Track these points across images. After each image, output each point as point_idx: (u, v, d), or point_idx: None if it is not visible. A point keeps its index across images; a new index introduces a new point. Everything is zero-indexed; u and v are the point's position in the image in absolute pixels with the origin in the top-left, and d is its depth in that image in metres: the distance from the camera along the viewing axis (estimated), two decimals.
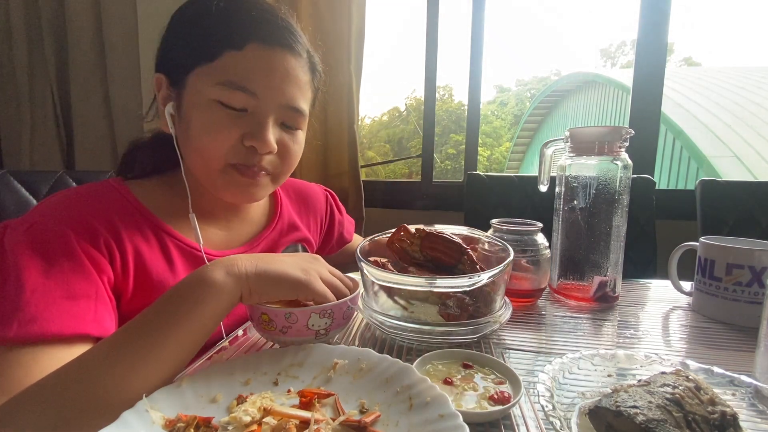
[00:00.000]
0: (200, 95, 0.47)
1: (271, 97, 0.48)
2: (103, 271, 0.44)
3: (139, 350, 0.33)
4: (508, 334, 0.52)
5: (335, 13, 1.23)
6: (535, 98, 9.83)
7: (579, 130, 0.64)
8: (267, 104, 0.48)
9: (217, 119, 0.47)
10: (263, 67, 0.47)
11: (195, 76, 0.47)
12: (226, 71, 0.46)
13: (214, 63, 0.46)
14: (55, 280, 0.39)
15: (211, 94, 0.47)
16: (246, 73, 0.46)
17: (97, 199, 0.48)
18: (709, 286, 0.60)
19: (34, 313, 0.37)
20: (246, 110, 0.48)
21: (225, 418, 0.31)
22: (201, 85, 0.47)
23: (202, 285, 0.36)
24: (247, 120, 0.48)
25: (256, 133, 0.48)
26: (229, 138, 0.48)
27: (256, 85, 0.47)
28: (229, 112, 0.47)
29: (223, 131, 0.47)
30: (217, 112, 0.47)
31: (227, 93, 0.46)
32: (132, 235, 0.48)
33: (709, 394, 0.31)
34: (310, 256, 0.46)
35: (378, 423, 0.31)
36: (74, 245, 0.42)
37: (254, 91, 0.47)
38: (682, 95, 4.60)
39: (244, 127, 0.48)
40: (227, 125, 0.47)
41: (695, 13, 30.40)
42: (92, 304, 0.41)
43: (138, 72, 1.43)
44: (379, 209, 1.46)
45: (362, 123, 3.03)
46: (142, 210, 0.50)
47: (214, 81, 0.46)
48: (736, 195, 1.07)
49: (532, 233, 0.62)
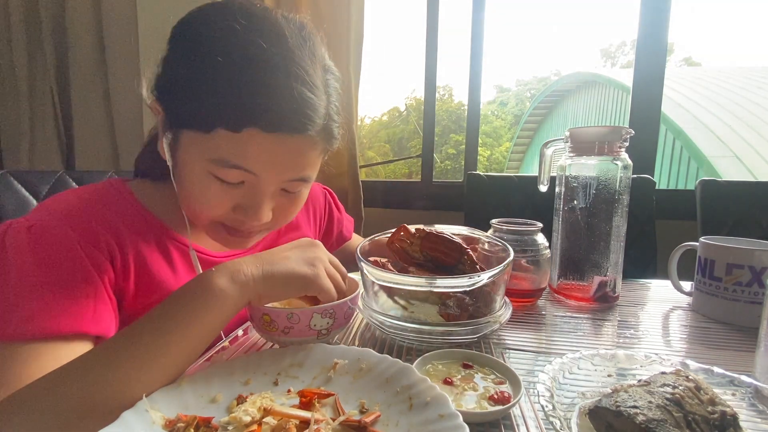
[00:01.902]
0: (193, 162, 0.42)
1: (271, 175, 0.43)
2: (104, 272, 0.44)
3: (141, 357, 0.33)
4: (508, 334, 0.52)
5: (335, 13, 1.23)
6: (535, 98, 9.83)
7: (579, 130, 0.64)
8: (266, 181, 0.44)
9: (209, 191, 0.43)
10: (262, 152, 0.41)
11: (189, 138, 0.42)
12: (219, 148, 0.40)
13: (208, 135, 0.40)
14: (54, 279, 0.39)
15: (204, 166, 0.42)
16: (242, 155, 0.41)
17: (98, 201, 0.48)
18: (709, 286, 0.60)
19: (33, 311, 0.37)
20: (243, 182, 0.44)
21: (225, 418, 0.31)
22: (194, 152, 0.42)
23: (206, 293, 0.36)
24: (243, 191, 0.44)
25: (251, 207, 0.45)
26: (221, 208, 0.45)
27: (254, 165, 0.42)
28: (223, 185, 0.43)
29: (214, 202, 0.44)
30: (210, 184, 0.43)
31: (222, 170, 0.41)
32: (133, 236, 0.48)
33: (709, 394, 0.31)
34: (309, 244, 0.44)
35: (378, 423, 0.31)
36: (75, 245, 0.42)
37: (251, 169, 0.42)
38: (682, 95, 4.59)
39: (237, 198, 0.44)
40: (220, 197, 0.44)
41: (695, 13, 30.48)
42: (91, 303, 0.41)
43: (138, 72, 1.43)
44: (379, 209, 1.46)
45: (362, 123, 3.03)
46: (143, 212, 0.50)
47: (208, 155, 0.41)
48: (736, 195, 1.07)
49: (532, 233, 0.62)
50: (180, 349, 0.35)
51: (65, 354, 0.37)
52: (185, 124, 0.42)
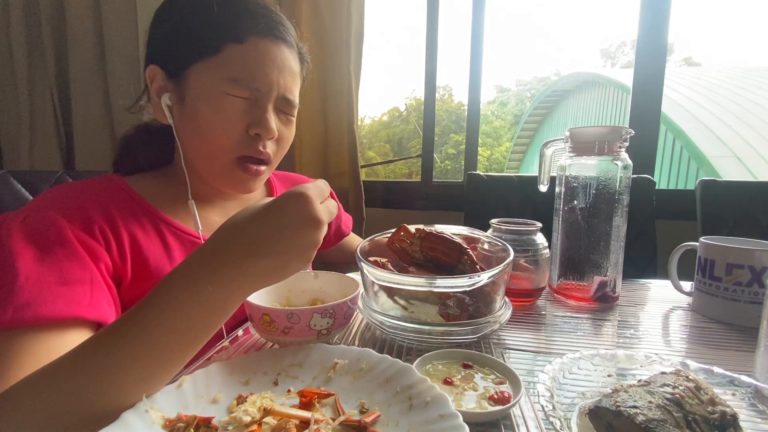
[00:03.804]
0: (207, 87, 0.49)
1: (270, 87, 0.51)
2: (100, 259, 0.44)
3: (138, 355, 0.31)
4: (508, 334, 0.52)
5: (335, 13, 1.23)
6: (535, 98, 9.83)
7: (579, 130, 0.64)
8: (267, 94, 0.51)
9: (227, 108, 0.49)
10: (263, 59, 0.50)
11: (198, 69, 0.49)
12: (229, 64, 0.49)
13: (218, 56, 0.49)
14: (48, 266, 0.39)
15: (219, 86, 0.49)
16: (248, 65, 0.49)
17: (92, 189, 0.49)
18: (709, 286, 0.60)
19: (28, 299, 0.37)
20: (249, 99, 0.51)
21: (225, 418, 0.31)
22: (207, 77, 0.49)
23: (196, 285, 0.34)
24: (251, 110, 0.51)
25: (260, 120, 0.51)
26: (238, 126, 0.50)
27: (258, 75, 0.50)
28: (237, 102, 0.50)
29: (232, 119, 0.50)
30: (226, 102, 0.49)
31: (234, 85, 0.49)
32: (127, 222, 0.48)
33: (709, 394, 0.31)
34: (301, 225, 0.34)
35: (378, 423, 0.31)
36: (68, 233, 0.42)
37: (256, 81, 0.50)
38: (682, 95, 4.59)
39: (248, 118, 0.51)
40: (236, 113, 0.50)
41: (695, 13, 30.43)
42: (87, 289, 0.41)
43: (138, 72, 1.43)
44: (379, 209, 1.46)
45: (362, 123, 3.03)
46: (137, 199, 0.51)
47: (221, 74, 0.49)
48: (736, 195, 1.06)
49: (531, 233, 0.62)
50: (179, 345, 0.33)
51: (62, 341, 0.36)
52: (193, 58, 0.49)
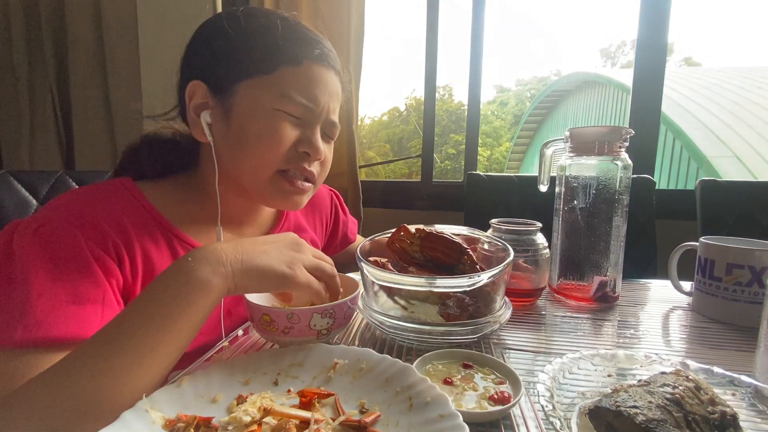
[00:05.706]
0: (259, 102, 0.50)
1: (321, 108, 0.53)
2: (112, 274, 0.43)
3: (131, 358, 0.32)
4: (508, 334, 0.52)
5: (335, 13, 1.23)
6: (535, 98, 9.83)
7: (579, 130, 0.64)
8: (317, 116, 0.53)
9: (278, 124, 0.51)
10: (317, 82, 0.52)
11: (249, 85, 0.50)
12: (283, 83, 0.50)
13: (271, 75, 0.50)
14: (62, 284, 0.39)
15: (272, 103, 0.50)
16: (302, 85, 0.51)
17: (107, 201, 0.48)
18: (709, 286, 0.60)
19: (40, 318, 0.37)
20: (299, 119, 0.52)
21: (225, 418, 0.31)
22: (258, 92, 0.50)
23: (189, 285, 0.35)
24: (300, 129, 0.53)
25: (309, 140, 0.53)
26: (288, 141, 0.51)
27: (310, 97, 0.52)
28: (288, 119, 0.51)
29: (284, 135, 0.51)
30: (278, 117, 0.50)
31: (287, 102, 0.50)
32: (142, 238, 0.47)
33: (709, 394, 0.31)
34: (292, 243, 0.44)
35: (378, 423, 0.31)
36: (83, 248, 0.42)
37: (309, 102, 0.52)
38: (682, 95, 4.59)
39: (297, 136, 0.52)
40: (286, 130, 0.51)
41: (695, 13, 30.42)
42: (99, 309, 0.40)
43: (138, 72, 1.43)
44: (378, 209, 1.46)
45: (362, 123, 3.03)
46: (153, 213, 0.50)
47: (273, 91, 0.50)
48: (736, 195, 1.07)
49: (531, 233, 0.62)
50: (169, 346, 0.34)
51: None
52: (246, 74, 0.50)
